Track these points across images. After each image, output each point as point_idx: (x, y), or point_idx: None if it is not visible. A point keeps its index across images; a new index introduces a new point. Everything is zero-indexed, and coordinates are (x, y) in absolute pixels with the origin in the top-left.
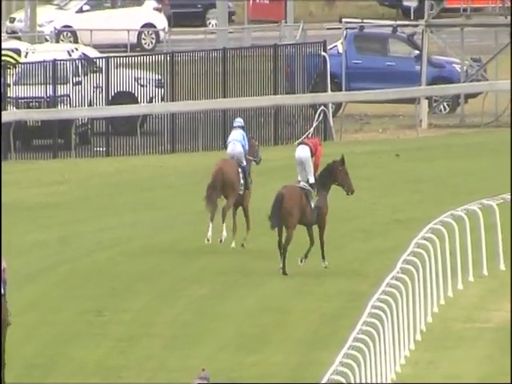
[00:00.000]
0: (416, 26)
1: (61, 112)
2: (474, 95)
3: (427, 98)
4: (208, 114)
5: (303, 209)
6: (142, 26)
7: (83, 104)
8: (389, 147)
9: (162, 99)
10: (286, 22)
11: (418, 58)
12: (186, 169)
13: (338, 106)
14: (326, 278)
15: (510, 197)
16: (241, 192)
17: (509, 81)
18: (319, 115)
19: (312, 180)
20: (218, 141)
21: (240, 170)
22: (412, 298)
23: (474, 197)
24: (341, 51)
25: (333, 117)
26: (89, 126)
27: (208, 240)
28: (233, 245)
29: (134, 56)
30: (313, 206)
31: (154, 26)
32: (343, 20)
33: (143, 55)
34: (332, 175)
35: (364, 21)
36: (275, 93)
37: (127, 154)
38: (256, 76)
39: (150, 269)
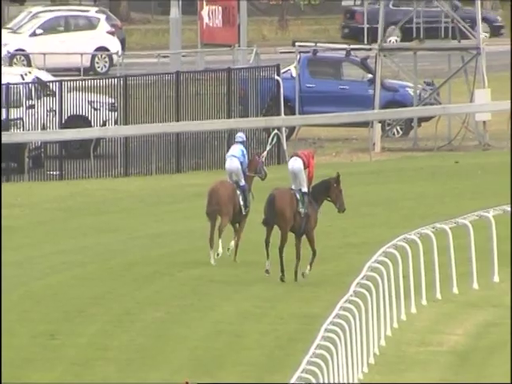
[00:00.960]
0: (369, 49)
1: (14, 135)
2: (427, 119)
3: (380, 122)
4: (161, 137)
5: (294, 211)
6: (96, 50)
7: (36, 127)
8: (342, 171)
9: (116, 122)
10: (239, 46)
11: (372, 81)
12: (140, 192)
13: (291, 130)
14: (280, 301)
15: (485, 213)
16: (243, 212)
17: (460, 105)
18: (273, 139)
19: (305, 190)
20: (171, 164)
21: (239, 191)
22: (365, 322)
23: (427, 220)
24: (294, 75)
25: (286, 140)
26: (42, 150)
27: (218, 254)
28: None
29: (88, 79)
30: (302, 212)
31: (108, 50)
32: (296, 44)
33: (97, 79)
34: (326, 191)
35: (317, 44)
36: (229, 116)
37: (81, 178)
38: (210, 99)
39: (104, 292)
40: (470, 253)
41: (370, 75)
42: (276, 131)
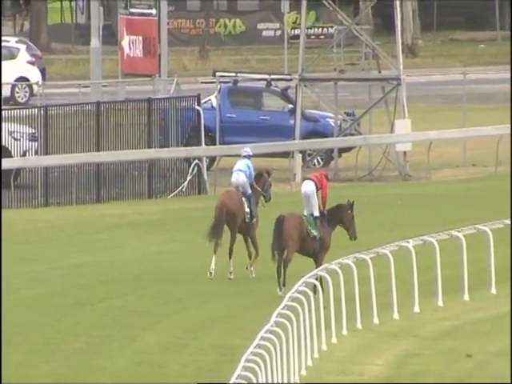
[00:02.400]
0: (290, 80)
1: None
2: (347, 149)
3: (301, 152)
4: (82, 167)
5: (303, 234)
6: (16, 80)
7: None
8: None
9: (36, 153)
10: (159, 76)
11: (292, 111)
12: (60, 222)
13: (212, 160)
14: (201, 332)
15: (405, 244)
16: (247, 220)
17: (380, 135)
18: (193, 169)
19: (317, 213)
20: (91, 194)
21: (245, 199)
22: (286, 351)
23: (348, 250)
24: (215, 105)
25: (207, 170)
26: None
27: (211, 273)
28: (253, 274)
29: (8, 109)
30: (316, 236)
31: (28, 80)
32: (217, 74)
33: (17, 109)
34: (339, 216)
35: (238, 74)
36: (149, 146)
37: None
38: (130, 129)
39: (24, 322)
40: (390, 283)
41: (290, 105)
42: (196, 161)
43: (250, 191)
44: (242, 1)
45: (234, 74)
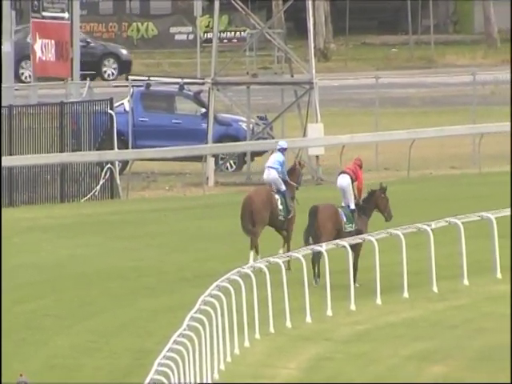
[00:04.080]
0: (202, 83)
1: None
2: (260, 153)
3: (214, 156)
4: None
5: (338, 226)
6: None
7: None
8: (176, 205)
9: None
10: (72, 80)
11: (205, 115)
12: None
13: (124, 164)
14: (114, 336)
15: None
16: (281, 217)
17: (293, 139)
18: (106, 173)
19: (353, 206)
20: (3, 198)
21: (278, 196)
22: (199, 356)
23: (261, 254)
24: (127, 109)
25: (119, 174)
26: None
27: (253, 267)
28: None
29: None
30: (352, 228)
31: None
32: (130, 77)
33: None
34: (374, 203)
35: (150, 78)
36: (62, 150)
37: None
38: (42, 133)
39: None
40: (303, 287)
41: (203, 109)
42: (109, 165)
43: (283, 188)
44: (154, 4)
45: (146, 78)
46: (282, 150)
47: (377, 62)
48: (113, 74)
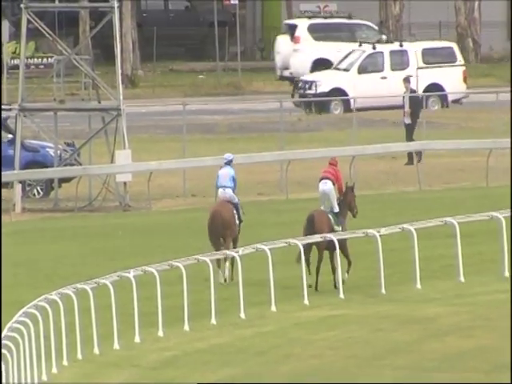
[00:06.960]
0: (9, 110)
1: None
2: (67, 179)
3: (21, 182)
4: None
5: (331, 228)
6: None
7: None
8: None
9: None
10: None
11: (12, 142)
12: None
13: None
14: None
15: (126, 274)
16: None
17: (101, 166)
18: None
19: (337, 209)
20: None
21: (235, 210)
22: (6, 382)
23: (69, 280)
24: None
25: None
26: None
27: (225, 280)
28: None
29: None
30: (340, 229)
31: None
32: None
33: None
34: (348, 202)
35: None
36: None
37: None
38: None
39: None
40: (111, 313)
41: (10, 135)
42: None
43: (236, 200)
44: None
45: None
46: (229, 163)
47: (184, 88)
48: None
